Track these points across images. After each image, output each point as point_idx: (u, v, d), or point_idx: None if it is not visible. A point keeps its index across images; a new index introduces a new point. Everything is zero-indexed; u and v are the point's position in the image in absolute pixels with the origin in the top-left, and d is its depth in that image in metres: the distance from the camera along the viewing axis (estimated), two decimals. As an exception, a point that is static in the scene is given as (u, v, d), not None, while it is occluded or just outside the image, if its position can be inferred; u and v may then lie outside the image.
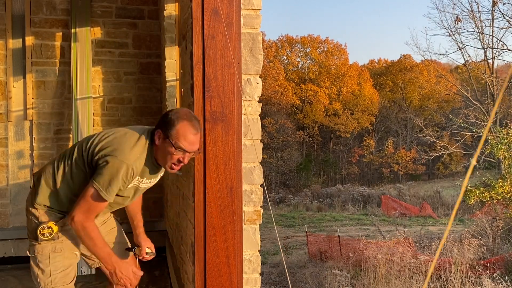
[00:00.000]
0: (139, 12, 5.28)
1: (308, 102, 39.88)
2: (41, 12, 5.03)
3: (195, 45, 2.42)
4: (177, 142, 2.19)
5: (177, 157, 2.23)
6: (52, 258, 2.35)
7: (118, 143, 2.24)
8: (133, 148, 2.24)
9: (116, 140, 2.26)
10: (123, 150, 2.21)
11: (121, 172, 2.18)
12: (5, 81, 4.98)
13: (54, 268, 2.35)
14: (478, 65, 28.50)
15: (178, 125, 2.20)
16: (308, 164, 38.57)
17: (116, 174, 2.18)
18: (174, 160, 2.25)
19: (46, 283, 2.35)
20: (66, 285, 2.39)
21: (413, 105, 40.75)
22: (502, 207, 13.96)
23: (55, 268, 2.35)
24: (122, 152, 2.20)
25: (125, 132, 2.32)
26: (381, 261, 9.99)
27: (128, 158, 2.20)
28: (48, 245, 2.35)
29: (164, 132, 2.22)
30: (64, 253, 2.39)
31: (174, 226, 4.06)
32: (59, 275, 2.36)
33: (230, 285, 2.46)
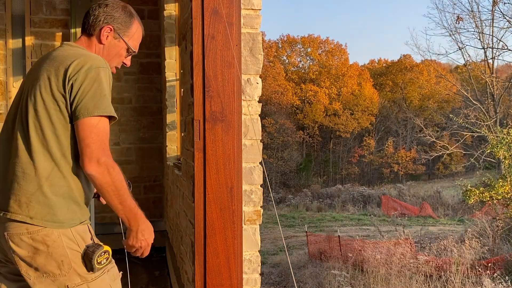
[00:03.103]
0: (139, 12, 5.27)
1: (308, 102, 39.90)
2: (41, 12, 5.03)
3: (195, 45, 2.42)
4: (131, 43, 1.97)
5: (123, 59, 2.01)
6: (113, 287, 1.85)
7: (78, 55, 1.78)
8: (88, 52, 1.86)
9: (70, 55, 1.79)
10: (90, 57, 1.78)
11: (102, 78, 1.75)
12: (5, 81, 4.98)
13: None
14: (478, 65, 28.51)
15: (133, 24, 1.97)
16: (308, 164, 38.59)
17: (99, 82, 1.73)
18: (120, 63, 2.01)
19: None
20: None
21: (413, 105, 40.77)
22: (502, 207, 13.96)
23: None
24: (92, 59, 1.76)
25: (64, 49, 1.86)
26: (380, 261, 10.00)
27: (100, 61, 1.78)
28: (105, 275, 1.80)
29: (116, 29, 1.92)
30: (118, 276, 1.90)
31: (174, 226, 4.07)
32: None
33: (230, 285, 2.46)
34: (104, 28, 1.92)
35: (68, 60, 1.75)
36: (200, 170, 2.44)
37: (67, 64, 1.73)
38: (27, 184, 1.71)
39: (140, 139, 5.32)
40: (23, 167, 1.72)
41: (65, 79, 1.71)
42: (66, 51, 1.84)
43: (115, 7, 1.94)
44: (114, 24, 1.93)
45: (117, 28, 1.93)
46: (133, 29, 1.97)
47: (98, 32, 1.93)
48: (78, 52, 1.82)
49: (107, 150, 1.72)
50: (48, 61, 1.80)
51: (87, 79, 1.71)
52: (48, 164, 1.72)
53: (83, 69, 1.71)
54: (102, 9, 1.95)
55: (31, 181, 1.71)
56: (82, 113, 1.69)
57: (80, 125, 1.69)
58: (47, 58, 1.84)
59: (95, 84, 1.71)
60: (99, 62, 1.77)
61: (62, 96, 1.72)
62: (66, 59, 1.76)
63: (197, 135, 2.44)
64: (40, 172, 1.71)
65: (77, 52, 1.82)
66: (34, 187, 1.71)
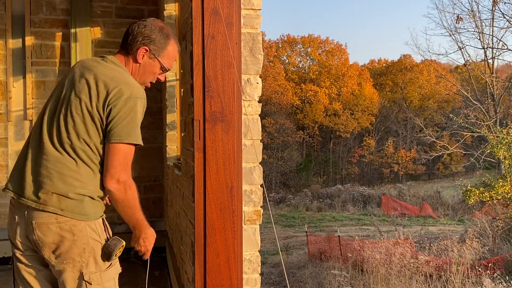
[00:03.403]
0: (139, 12, 5.28)
1: (308, 102, 39.90)
2: (41, 12, 5.03)
3: (195, 45, 2.42)
4: (166, 63, 2.12)
5: (157, 76, 2.17)
6: (116, 281, 2.06)
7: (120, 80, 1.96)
8: (130, 77, 2.02)
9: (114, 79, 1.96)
10: (130, 85, 1.95)
11: (142, 110, 1.97)
12: (5, 81, 4.98)
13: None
14: (478, 65, 28.50)
15: (169, 45, 2.11)
16: (308, 164, 38.59)
17: (140, 114, 1.96)
18: (154, 79, 2.17)
19: None
20: None
21: (413, 105, 40.77)
22: (502, 207, 13.96)
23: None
24: (133, 89, 1.95)
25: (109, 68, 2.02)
26: (380, 261, 10.00)
27: (139, 91, 1.97)
28: (113, 268, 2.02)
29: (152, 50, 2.07)
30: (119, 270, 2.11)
31: (174, 226, 4.07)
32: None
33: (230, 285, 2.46)
34: (141, 49, 2.07)
35: (112, 84, 1.93)
36: (200, 170, 2.44)
37: (110, 88, 1.92)
38: (61, 182, 1.91)
39: (140, 139, 5.31)
40: (59, 168, 1.92)
41: (105, 101, 1.91)
42: (111, 71, 2.00)
43: (152, 29, 2.07)
44: (150, 45, 2.07)
45: (152, 49, 2.08)
46: (168, 49, 2.11)
47: (135, 51, 2.08)
48: (122, 76, 1.99)
49: (129, 171, 1.95)
50: (93, 75, 1.96)
51: (124, 108, 1.91)
52: (81, 168, 1.93)
53: (123, 97, 1.91)
54: (140, 29, 2.08)
55: (64, 181, 1.91)
56: (114, 138, 1.91)
57: (111, 148, 1.92)
58: (92, 70, 1.99)
59: (131, 114, 1.92)
60: (138, 93, 1.96)
61: (99, 115, 1.92)
62: (110, 82, 1.94)
63: (197, 135, 2.44)
64: (73, 175, 1.92)
65: (121, 75, 1.99)
66: (68, 186, 1.91)
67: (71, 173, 1.92)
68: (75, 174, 1.92)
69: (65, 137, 1.92)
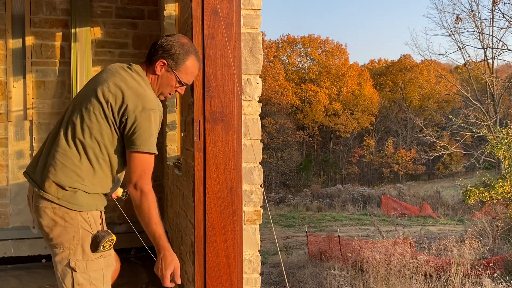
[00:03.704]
0: (139, 12, 5.28)
1: (308, 102, 39.88)
2: (41, 12, 5.03)
3: (195, 45, 2.42)
4: (184, 77, 2.18)
5: (176, 89, 2.23)
6: (105, 275, 2.15)
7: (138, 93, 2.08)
8: (147, 88, 2.14)
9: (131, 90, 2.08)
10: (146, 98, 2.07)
11: (156, 122, 2.10)
12: (5, 81, 4.98)
13: (107, 285, 2.18)
14: (478, 65, 28.49)
15: (188, 61, 2.17)
16: (308, 164, 38.58)
17: (154, 126, 2.09)
18: (172, 91, 2.24)
19: None
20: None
21: (413, 105, 40.76)
22: (502, 207, 13.95)
23: (108, 284, 2.18)
24: (148, 102, 2.06)
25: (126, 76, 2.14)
26: (380, 261, 9.99)
27: (154, 104, 2.08)
28: (101, 260, 2.12)
29: (170, 65, 2.16)
30: (112, 266, 2.20)
31: (174, 226, 4.07)
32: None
33: (230, 285, 2.46)
34: (159, 61, 2.17)
35: (129, 94, 2.06)
36: (200, 170, 2.44)
37: (128, 99, 2.05)
38: (62, 174, 2.06)
39: (140, 139, 5.31)
40: (64, 160, 2.07)
41: (120, 110, 2.04)
42: (132, 80, 2.12)
43: (173, 44, 2.16)
44: (168, 59, 2.16)
45: (170, 62, 2.16)
46: (187, 64, 2.17)
47: (154, 63, 2.19)
48: (140, 87, 2.11)
49: (146, 179, 2.09)
50: (115, 82, 2.11)
51: (139, 118, 2.04)
52: (84, 164, 2.07)
53: (138, 109, 2.04)
54: (162, 43, 2.18)
55: (65, 173, 2.06)
56: (130, 146, 2.06)
57: (130, 156, 2.08)
58: (115, 76, 2.14)
59: (145, 124, 2.05)
60: (153, 105, 2.07)
61: (113, 119, 2.06)
62: (128, 92, 2.07)
63: (197, 135, 2.44)
64: (74, 168, 2.06)
65: (140, 87, 2.11)
66: (67, 178, 2.06)
67: (73, 167, 2.06)
68: (76, 168, 2.06)
69: (79, 132, 2.07)
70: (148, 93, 2.11)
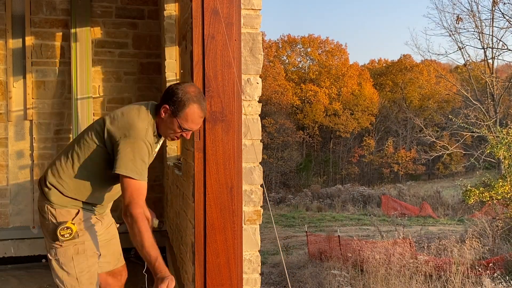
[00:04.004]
0: (139, 12, 5.28)
1: (308, 102, 39.88)
2: (41, 12, 5.03)
3: (195, 45, 2.42)
4: (184, 124, 2.27)
5: (180, 133, 2.33)
6: (76, 260, 2.35)
7: (127, 123, 2.27)
8: (140, 121, 2.28)
9: (123, 120, 2.29)
10: (133, 127, 2.24)
11: (140, 149, 2.22)
12: (5, 81, 4.98)
13: (79, 270, 2.35)
14: (478, 65, 28.49)
15: (188, 108, 2.25)
16: (308, 164, 38.58)
17: (137, 152, 2.21)
18: (177, 135, 2.35)
19: (73, 285, 2.35)
20: (93, 286, 2.40)
21: (413, 105, 40.76)
22: (502, 207, 13.95)
23: (80, 270, 2.36)
24: (133, 130, 2.24)
25: (131, 109, 2.35)
26: (380, 261, 9.99)
27: (139, 133, 2.24)
28: (70, 247, 2.35)
29: (172, 110, 2.27)
30: (87, 254, 2.39)
31: (174, 226, 4.07)
32: (85, 276, 2.37)
33: (230, 285, 2.46)
34: (163, 106, 2.31)
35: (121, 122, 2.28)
36: (200, 170, 2.44)
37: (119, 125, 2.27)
38: (54, 177, 2.39)
39: (140, 139, 5.31)
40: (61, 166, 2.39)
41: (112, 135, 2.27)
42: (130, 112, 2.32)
43: (177, 91, 2.28)
44: (171, 105, 2.28)
45: (172, 109, 2.28)
46: (187, 112, 2.26)
47: (160, 106, 2.34)
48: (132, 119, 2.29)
49: (135, 204, 2.19)
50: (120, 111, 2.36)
51: (121, 144, 2.22)
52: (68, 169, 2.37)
53: (123, 135, 2.24)
54: (169, 89, 2.33)
55: (53, 172, 2.39)
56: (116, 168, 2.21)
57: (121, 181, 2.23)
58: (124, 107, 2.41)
59: (127, 150, 2.21)
60: (137, 134, 2.24)
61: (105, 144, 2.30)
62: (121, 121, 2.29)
63: (197, 135, 2.44)
64: (59, 170, 2.38)
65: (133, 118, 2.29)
66: (52, 177, 2.39)
67: (61, 171, 2.37)
68: (60, 168, 2.37)
69: (77, 144, 2.39)
70: (138, 124, 2.26)
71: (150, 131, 2.29)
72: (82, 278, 2.35)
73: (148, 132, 2.27)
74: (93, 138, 2.32)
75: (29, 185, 5.04)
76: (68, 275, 2.34)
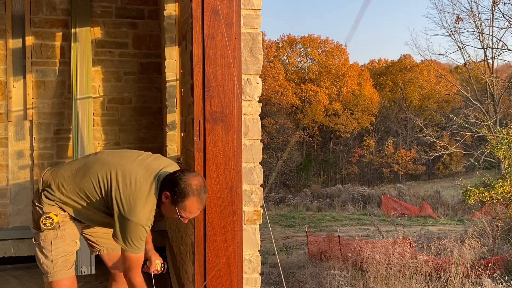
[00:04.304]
0: (139, 12, 5.28)
1: (308, 102, 39.87)
2: (41, 12, 5.03)
3: (195, 45, 2.42)
4: (182, 213, 2.36)
5: (180, 218, 2.42)
6: (54, 244, 2.52)
7: (133, 203, 2.38)
8: (145, 206, 2.38)
9: (132, 195, 2.39)
10: (135, 212, 2.36)
11: (139, 231, 2.39)
12: (5, 81, 4.98)
13: (56, 253, 2.52)
14: (478, 65, 28.48)
15: (187, 200, 2.32)
16: (308, 164, 38.57)
17: (136, 233, 2.39)
18: (175, 217, 2.45)
19: (48, 267, 2.52)
20: (67, 270, 2.55)
21: (413, 105, 40.74)
22: (502, 207, 13.95)
23: (57, 253, 2.52)
24: (135, 215, 2.36)
25: (141, 187, 2.40)
26: (380, 261, 9.99)
27: (141, 219, 2.37)
28: (51, 233, 2.53)
29: (172, 199, 2.35)
30: (65, 240, 2.56)
31: (174, 226, 4.07)
32: (60, 259, 2.53)
33: (230, 285, 2.46)
34: (165, 192, 2.38)
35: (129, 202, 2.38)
36: (200, 170, 2.44)
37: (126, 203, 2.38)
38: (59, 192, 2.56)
39: (140, 139, 5.32)
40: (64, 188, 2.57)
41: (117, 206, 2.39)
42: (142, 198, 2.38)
43: (180, 183, 2.33)
44: (172, 194, 2.35)
45: (172, 197, 2.35)
46: (186, 204, 2.33)
47: (163, 191, 2.40)
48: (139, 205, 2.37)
49: (134, 273, 2.47)
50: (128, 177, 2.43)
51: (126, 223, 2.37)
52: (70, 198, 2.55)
53: (128, 216, 2.36)
54: (174, 175, 2.38)
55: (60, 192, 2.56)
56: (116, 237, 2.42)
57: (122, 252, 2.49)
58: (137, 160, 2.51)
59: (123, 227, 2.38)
60: (141, 221, 2.37)
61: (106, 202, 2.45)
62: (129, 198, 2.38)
63: (197, 135, 2.44)
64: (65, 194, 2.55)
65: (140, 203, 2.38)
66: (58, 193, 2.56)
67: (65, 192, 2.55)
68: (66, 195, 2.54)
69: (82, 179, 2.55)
70: (141, 212, 2.37)
71: (152, 214, 2.41)
72: (57, 261, 2.52)
73: (150, 217, 2.40)
74: (97, 190, 2.46)
75: (29, 185, 5.04)
76: (46, 258, 2.53)
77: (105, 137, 5.22)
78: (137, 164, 2.48)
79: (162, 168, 2.46)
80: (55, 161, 5.10)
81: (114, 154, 2.61)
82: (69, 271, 2.56)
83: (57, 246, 2.53)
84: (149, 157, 2.55)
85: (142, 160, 2.50)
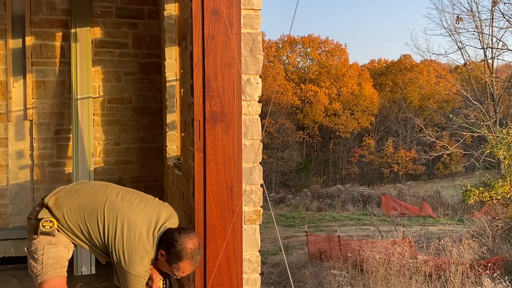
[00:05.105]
0: (139, 12, 5.28)
1: (308, 102, 39.87)
2: (41, 12, 5.03)
3: (195, 45, 2.42)
4: (176, 272, 2.44)
5: (173, 274, 2.50)
6: (46, 249, 2.53)
7: (133, 257, 2.44)
8: (143, 261, 2.45)
9: (134, 247, 2.44)
10: (134, 266, 2.44)
11: (138, 281, 2.47)
12: (5, 81, 4.98)
13: (46, 256, 2.52)
14: (478, 65, 28.48)
15: (181, 263, 2.40)
16: (308, 164, 38.57)
17: (135, 282, 2.47)
18: (168, 272, 2.53)
19: (38, 269, 2.51)
20: (57, 270, 2.54)
21: (413, 105, 40.74)
22: (502, 207, 13.94)
23: (47, 256, 2.53)
24: (134, 269, 2.44)
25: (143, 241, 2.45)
26: (380, 261, 9.99)
27: (139, 272, 2.45)
28: (44, 239, 2.54)
29: (167, 258, 2.42)
30: (58, 247, 2.56)
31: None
32: (50, 261, 2.52)
33: (230, 285, 2.46)
34: (160, 251, 2.45)
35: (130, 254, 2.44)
36: (200, 170, 2.44)
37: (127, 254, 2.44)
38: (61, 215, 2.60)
39: (140, 139, 5.32)
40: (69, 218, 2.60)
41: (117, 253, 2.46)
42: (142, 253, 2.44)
43: (176, 245, 2.39)
44: (167, 254, 2.42)
45: (167, 256, 2.42)
46: (180, 265, 2.41)
47: (159, 248, 2.46)
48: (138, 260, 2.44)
49: None
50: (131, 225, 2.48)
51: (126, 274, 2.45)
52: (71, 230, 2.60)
53: (127, 268, 2.43)
54: (171, 235, 2.43)
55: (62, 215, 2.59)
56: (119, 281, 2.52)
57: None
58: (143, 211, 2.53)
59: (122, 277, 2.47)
60: (139, 273, 2.45)
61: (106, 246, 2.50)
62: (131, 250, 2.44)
63: (197, 135, 2.44)
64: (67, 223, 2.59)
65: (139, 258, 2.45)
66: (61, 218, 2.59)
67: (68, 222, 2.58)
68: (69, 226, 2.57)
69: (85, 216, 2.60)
70: (140, 267, 2.43)
71: (149, 266, 2.49)
72: (47, 263, 2.52)
73: (147, 269, 2.48)
74: (100, 233, 2.50)
75: (29, 185, 5.04)
76: (36, 262, 2.53)
77: (105, 137, 5.22)
78: (143, 215, 2.51)
79: (164, 222, 2.50)
80: (55, 161, 5.10)
81: (123, 197, 2.60)
82: (58, 271, 2.55)
83: (49, 251, 2.54)
84: (154, 206, 2.58)
85: (148, 212, 2.53)
